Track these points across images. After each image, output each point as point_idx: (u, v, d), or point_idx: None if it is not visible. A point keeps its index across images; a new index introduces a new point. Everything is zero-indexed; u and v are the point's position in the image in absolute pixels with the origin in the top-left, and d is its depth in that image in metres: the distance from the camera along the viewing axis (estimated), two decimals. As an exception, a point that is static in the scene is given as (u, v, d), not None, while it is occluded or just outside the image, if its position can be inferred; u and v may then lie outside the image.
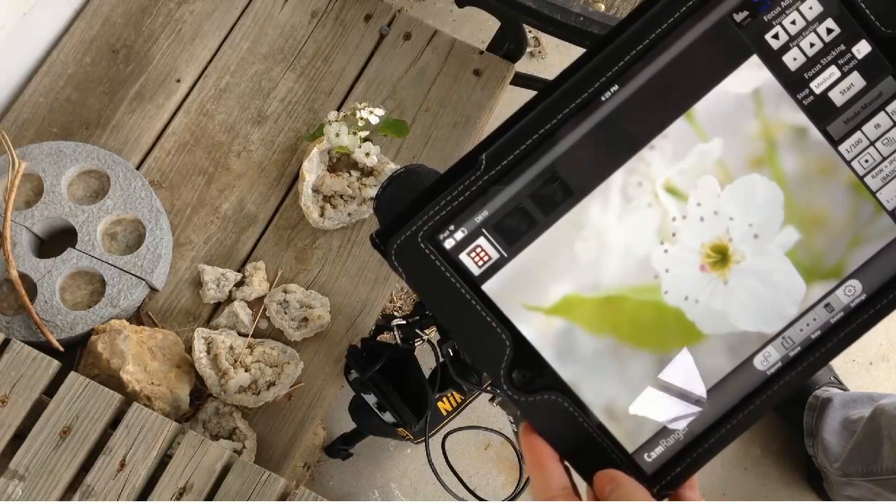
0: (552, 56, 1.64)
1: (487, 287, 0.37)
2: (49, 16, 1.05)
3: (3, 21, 0.99)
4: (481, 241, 0.37)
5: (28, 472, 0.76)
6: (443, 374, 0.79)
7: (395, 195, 0.75)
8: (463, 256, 0.37)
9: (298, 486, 0.79)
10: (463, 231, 0.36)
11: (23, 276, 0.90)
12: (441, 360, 0.78)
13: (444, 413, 0.92)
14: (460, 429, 0.88)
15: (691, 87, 0.36)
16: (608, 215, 0.37)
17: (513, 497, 0.81)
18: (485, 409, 1.28)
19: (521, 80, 1.32)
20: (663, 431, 0.38)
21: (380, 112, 0.96)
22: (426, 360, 0.82)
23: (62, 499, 0.76)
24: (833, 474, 1.26)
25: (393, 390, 0.81)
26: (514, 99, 1.58)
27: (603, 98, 0.36)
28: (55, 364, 0.81)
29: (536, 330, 0.37)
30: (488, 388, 0.79)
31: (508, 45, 1.12)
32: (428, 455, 0.77)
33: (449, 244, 0.37)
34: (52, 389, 0.80)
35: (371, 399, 0.82)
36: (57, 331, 0.89)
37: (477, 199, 0.36)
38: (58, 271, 0.91)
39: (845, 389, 1.36)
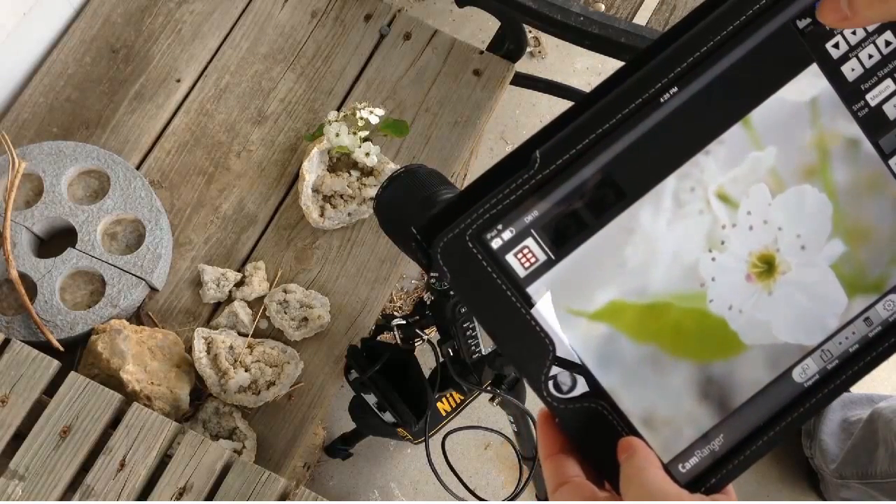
0: (552, 56, 1.64)
1: (532, 290, 0.36)
2: (49, 16, 1.05)
3: (3, 21, 0.99)
4: (529, 241, 0.35)
5: (28, 472, 0.76)
6: (443, 374, 0.79)
7: (395, 195, 0.75)
8: (509, 257, 0.35)
9: (298, 486, 0.79)
10: (511, 231, 0.35)
11: (23, 276, 0.90)
12: (441, 360, 0.78)
13: (444, 413, 0.92)
14: (460, 429, 0.88)
15: (750, 93, 0.36)
16: (659, 220, 0.36)
17: (513, 497, 0.81)
18: (485, 409, 1.28)
19: (521, 80, 1.32)
20: (699, 442, 0.37)
21: (380, 112, 0.96)
22: (426, 360, 0.82)
23: (62, 499, 0.76)
24: (829, 475, 1.27)
25: (393, 390, 0.81)
26: (514, 99, 1.58)
27: (662, 100, 0.35)
28: (55, 364, 0.81)
29: (580, 335, 0.36)
30: (488, 388, 0.79)
31: (508, 45, 1.12)
32: (428, 455, 0.77)
33: (496, 244, 0.35)
34: (52, 389, 0.80)
35: (371, 399, 0.82)
36: (57, 331, 0.89)
37: (528, 199, 0.35)
38: (58, 271, 0.91)
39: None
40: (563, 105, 1.44)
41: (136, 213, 0.95)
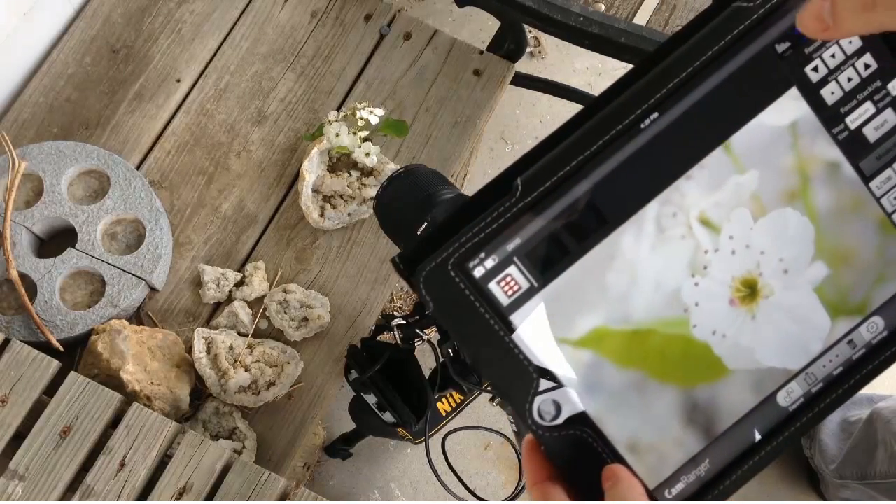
0: (552, 56, 1.64)
1: (516, 318, 0.36)
2: (49, 16, 1.05)
3: (3, 21, 0.99)
4: (512, 269, 0.35)
5: (28, 472, 0.76)
6: (443, 374, 0.79)
7: (395, 195, 0.75)
8: (492, 286, 0.35)
9: (298, 486, 0.79)
10: (494, 259, 0.35)
11: (23, 276, 0.90)
12: (441, 360, 0.78)
13: (444, 413, 0.92)
14: (460, 429, 0.88)
15: (731, 117, 0.36)
16: (641, 246, 0.36)
17: (513, 497, 0.81)
18: (485, 409, 1.28)
19: (521, 80, 1.32)
20: (685, 467, 0.37)
21: (380, 112, 0.96)
22: (426, 360, 0.82)
23: (62, 499, 0.76)
24: (829, 476, 1.27)
25: (393, 390, 0.81)
26: (514, 99, 1.58)
27: (642, 126, 0.35)
28: (55, 364, 0.81)
29: (564, 363, 0.36)
30: (488, 388, 0.79)
31: (508, 45, 1.12)
32: (428, 455, 0.77)
33: (478, 273, 0.35)
34: (52, 389, 0.80)
35: (371, 399, 0.82)
36: (57, 331, 0.89)
37: (510, 226, 0.35)
38: (58, 271, 0.91)
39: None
40: (563, 105, 1.44)
41: (136, 213, 0.95)
